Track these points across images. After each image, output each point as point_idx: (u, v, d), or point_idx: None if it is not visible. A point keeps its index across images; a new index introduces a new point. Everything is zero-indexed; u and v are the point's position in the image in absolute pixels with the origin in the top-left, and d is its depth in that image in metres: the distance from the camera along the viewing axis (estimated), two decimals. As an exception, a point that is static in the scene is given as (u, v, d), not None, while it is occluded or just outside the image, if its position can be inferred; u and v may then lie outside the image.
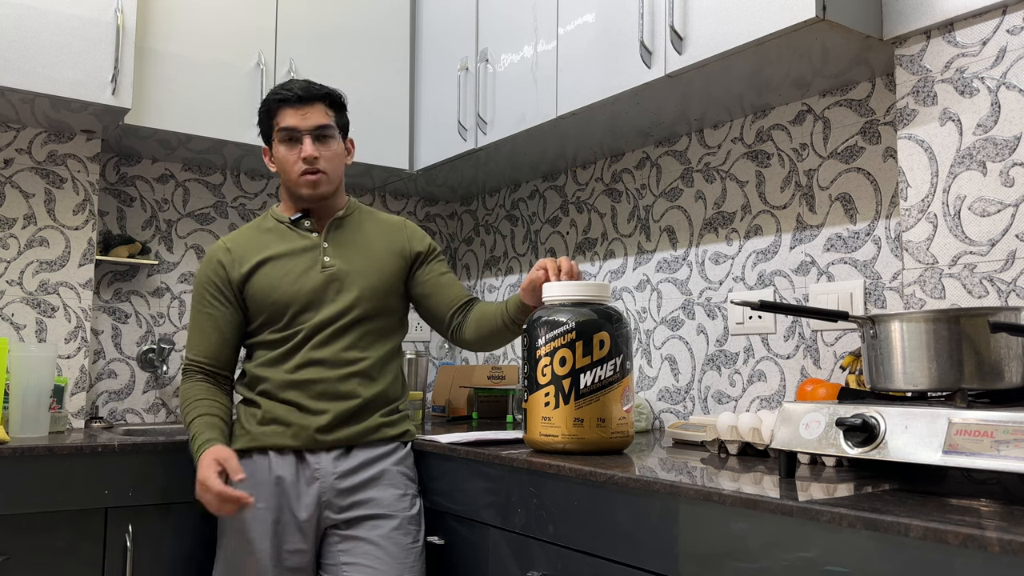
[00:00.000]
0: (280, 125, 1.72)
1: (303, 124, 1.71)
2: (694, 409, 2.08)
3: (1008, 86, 1.42)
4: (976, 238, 1.44)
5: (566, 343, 1.50)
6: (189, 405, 1.69)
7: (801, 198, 1.87)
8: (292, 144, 1.72)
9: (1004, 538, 0.83)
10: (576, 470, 1.35)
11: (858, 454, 1.10)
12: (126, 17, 2.06)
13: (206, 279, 1.75)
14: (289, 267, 1.71)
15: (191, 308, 1.77)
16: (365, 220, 1.83)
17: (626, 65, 1.83)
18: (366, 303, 1.72)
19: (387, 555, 1.63)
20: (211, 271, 1.75)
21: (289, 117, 1.71)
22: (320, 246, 1.74)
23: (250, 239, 1.77)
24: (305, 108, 1.71)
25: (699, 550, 1.16)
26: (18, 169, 2.19)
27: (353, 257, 1.75)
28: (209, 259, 1.76)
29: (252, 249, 1.75)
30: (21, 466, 1.67)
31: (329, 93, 1.75)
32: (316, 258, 1.73)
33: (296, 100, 1.71)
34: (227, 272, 1.73)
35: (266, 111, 1.75)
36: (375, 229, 1.82)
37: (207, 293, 1.74)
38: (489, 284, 2.86)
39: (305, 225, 1.76)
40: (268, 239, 1.76)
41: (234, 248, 1.75)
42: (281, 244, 1.74)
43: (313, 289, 1.70)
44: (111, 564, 1.75)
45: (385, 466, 1.70)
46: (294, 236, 1.76)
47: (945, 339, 1.16)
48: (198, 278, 1.76)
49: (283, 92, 1.72)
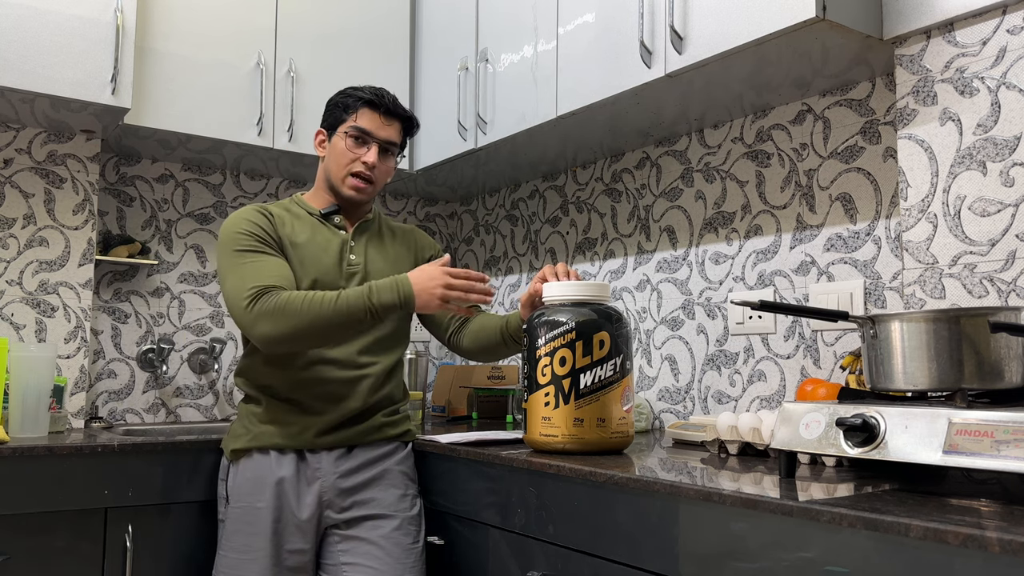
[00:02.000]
0: (357, 122, 1.71)
1: (379, 132, 1.72)
2: (694, 409, 2.08)
3: (1008, 86, 1.42)
4: (976, 238, 1.44)
5: (566, 343, 1.50)
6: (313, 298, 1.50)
7: (801, 198, 1.87)
8: (359, 144, 1.72)
9: (1004, 538, 0.83)
10: (576, 470, 1.35)
11: (858, 454, 1.10)
12: (126, 17, 2.06)
13: (252, 225, 1.63)
14: (317, 259, 1.69)
15: (234, 255, 1.59)
16: (384, 228, 1.85)
17: (626, 65, 1.83)
18: None
19: (387, 555, 1.63)
20: (259, 220, 1.65)
21: (369, 120, 1.72)
22: (348, 244, 1.75)
23: (283, 215, 1.72)
24: (387, 120, 1.73)
25: (699, 550, 1.16)
26: (18, 169, 2.19)
27: (376, 260, 1.77)
28: (248, 213, 1.65)
29: (286, 225, 1.70)
30: (21, 466, 1.67)
31: (411, 118, 1.78)
32: (343, 255, 1.73)
33: (384, 109, 1.72)
34: (274, 226, 1.67)
35: (345, 104, 1.73)
36: (392, 238, 1.85)
37: (256, 238, 1.61)
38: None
39: (335, 221, 1.76)
40: (299, 224, 1.73)
41: (273, 214, 1.69)
42: (311, 232, 1.72)
43: (335, 284, 1.69)
44: (111, 564, 1.75)
45: (386, 466, 1.70)
46: (323, 229, 1.74)
47: (945, 339, 1.16)
48: (239, 224, 1.62)
49: (374, 96, 1.72)
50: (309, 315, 1.50)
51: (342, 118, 1.73)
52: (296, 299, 1.51)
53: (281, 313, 1.50)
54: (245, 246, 1.60)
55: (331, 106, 1.77)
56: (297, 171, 2.61)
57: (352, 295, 1.52)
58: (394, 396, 1.76)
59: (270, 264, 1.59)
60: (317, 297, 1.51)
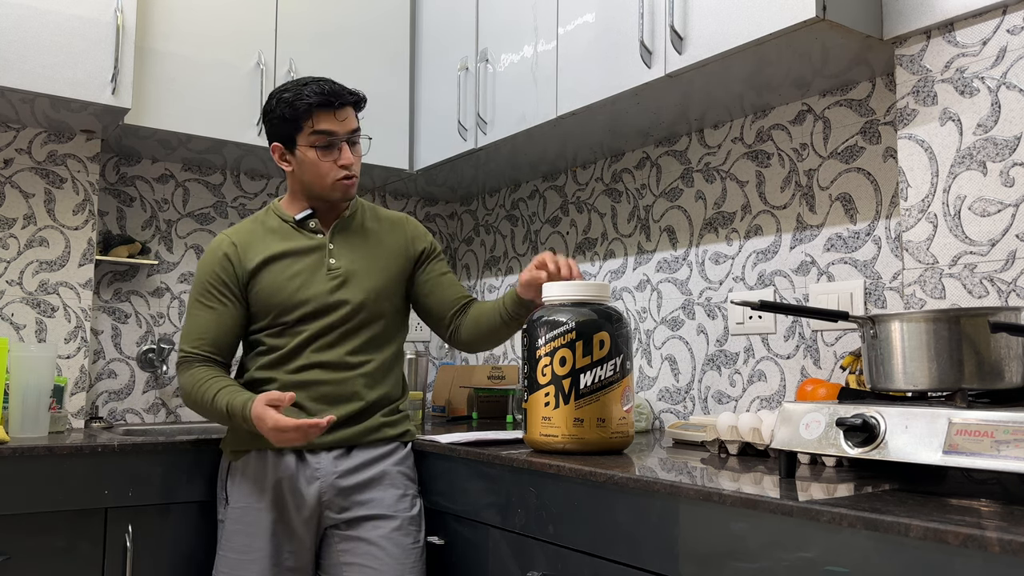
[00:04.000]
0: (316, 128, 1.65)
1: (341, 129, 1.66)
2: (694, 409, 2.08)
3: (1008, 86, 1.42)
4: (976, 238, 1.44)
5: (566, 343, 1.50)
6: (202, 385, 1.62)
7: (801, 198, 1.87)
8: (328, 150, 1.67)
9: (1004, 538, 0.83)
10: (576, 470, 1.35)
11: (858, 454, 1.10)
12: (126, 17, 2.06)
13: (210, 273, 1.69)
14: (295, 268, 1.69)
15: (191, 299, 1.71)
16: (368, 219, 1.81)
17: (626, 65, 1.83)
18: (372, 305, 1.72)
19: (387, 556, 1.63)
20: (216, 265, 1.69)
21: (325, 121, 1.65)
22: (326, 247, 1.72)
23: (254, 235, 1.73)
24: (341, 112, 1.67)
25: (699, 550, 1.16)
26: (18, 169, 2.19)
27: (358, 259, 1.74)
28: (214, 252, 1.71)
29: (257, 246, 1.71)
30: (21, 466, 1.67)
31: (358, 96, 1.71)
32: (322, 260, 1.71)
33: (336, 104, 1.65)
34: (233, 267, 1.69)
35: (293, 112, 1.65)
36: (378, 228, 1.81)
37: (212, 288, 1.69)
38: (489, 284, 2.86)
39: (310, 226, 1.73)
40: (272, 237, 1.72)
41: (239, 243, 1.71)
42: (286, 243, 1.71)
43: (319, 292, 1.68)
44: (111, 564, 1.75)
45: (385, 466, 1.69)
46: (299, 236, 1.73)
47: (945, 339, 1.16)
48: (202, 271, 1.70)
49: (318, 95, 1.64)
50: (195, 402, 1.65)
51: (296, 128, 1.66)
52: (188, 383, 1.66)
53: (182, 388, 1.68)
54: (199, 292, 1.70)
55: (277, 119, 1.67)
56: (297, 171, 2.61)
57: (221, 397, 1.59)
58: (392, 394, 1.75)
59: (203, 322, 1.68)
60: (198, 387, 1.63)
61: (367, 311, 1.71)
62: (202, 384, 1.63)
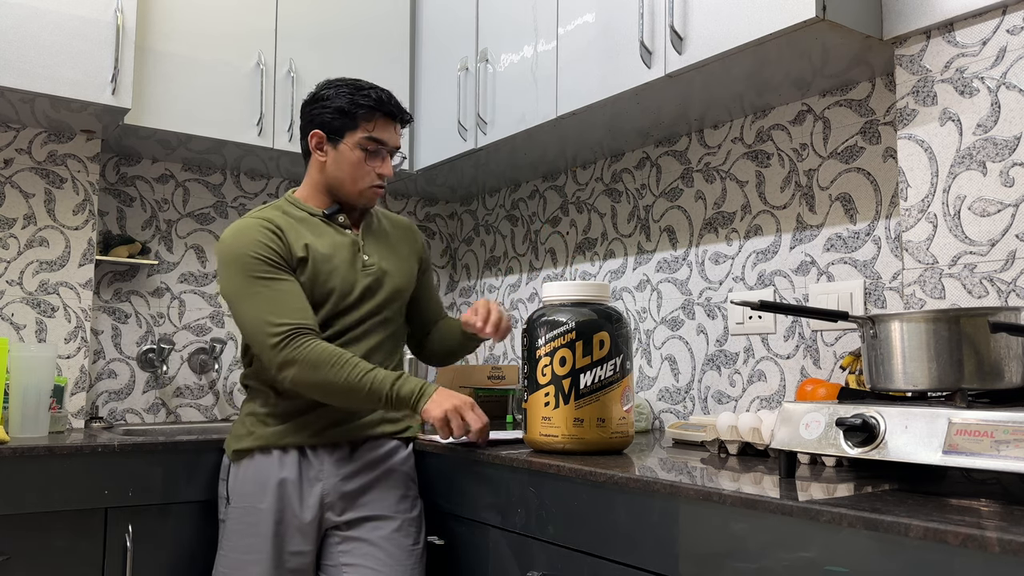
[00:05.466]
0: (373, 134, 1.65)
1: (393, 142, 1.70)
2: (694, 409, 2.08)
3: (1008, 86, 1.42)
4: (976, 238, 1.44)
5: (566, 343, 1.50)
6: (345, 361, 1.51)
7: (801, 198, 1.87)
8: (373, 156, 1.67)
9: (1004, 538, 0.83)
10: (576, 470, 1.35)
11: (858, 454, 1.10)
12: (126, 17, 2.06)
13: (262, 246, 1.57)
14: (334, 262, 1.66)
15: (245, 281, 1.55)
16: (383, 221, 1.83)
17: (626, 65, 1.83)
18: (394, 304, 1.74)
19: (388, 556, 1.63)
20: (267, 239, 1.58)
21: (384, 130, 1.67)
22: (358, 243, 1.72)
23: (288, 223, 1.64)
24: (399, 127, 1.72)
25: (699, 550, 1.16)
26: (18, 169, 2.19)
27: (387, 257, 1.75)
28: (256, 229, 1.58)
29: (293, 234, 1.63)
30: (21, 466, 1.67)
31: (411, 119, 1.75)
32: (355, 256, 1.70)
33: (400, 119, 1.70)
34: (285, 245, 1.60)
35: (353, 111, 1.64)
36: (394, 231, 1.83)
37: (270, 261, 1.56)
38: (489, 284, 2.86)
39: (340, 220, 1.72)
40: (304, 227, 1.67)
41: (281, 226, 1.62)
42: (320, 236, 1.67)
43: (355, 287, 1.67)
44: (111, 564, 1.75)
45: (387, 468, 1.70)
46: (330, 231, 1.70)
47: (945, 339, 1.16)
48: (247, 247, 1.56)
49: (386, 104, 1.66)
50: (337, 379, 1.51)
51: (352, 124, 1.65)
52: (327, 357, 1.51)
53: (312, 366, 1.51)
54: (260, 272, 1.55)
55: (334, 108, 1.65)
56: (297, 171, 2.61)
57: (379, 377, 1.52)
58: None
59: (290, 295, 1.56)
60: (349, 363, 1.51)
61: (389, 309, 1.73)
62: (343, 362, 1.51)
